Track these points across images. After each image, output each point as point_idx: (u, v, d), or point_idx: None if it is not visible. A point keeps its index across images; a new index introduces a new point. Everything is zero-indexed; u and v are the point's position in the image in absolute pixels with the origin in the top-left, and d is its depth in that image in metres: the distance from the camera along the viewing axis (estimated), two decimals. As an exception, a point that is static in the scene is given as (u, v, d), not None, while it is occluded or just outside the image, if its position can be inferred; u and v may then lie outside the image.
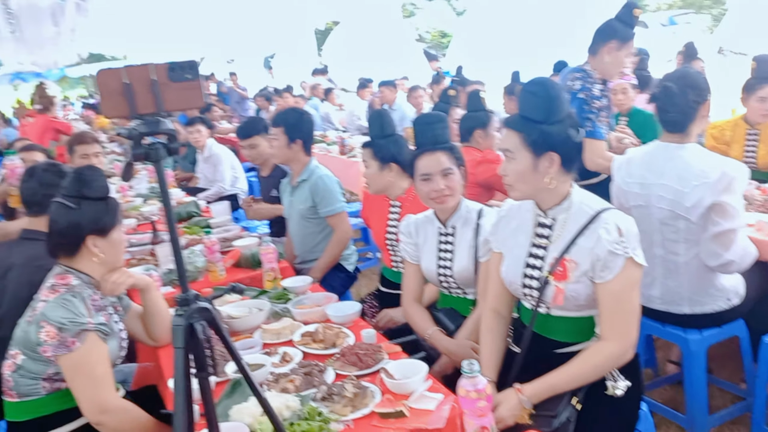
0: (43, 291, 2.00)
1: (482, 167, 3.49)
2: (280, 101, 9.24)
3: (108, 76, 1.26)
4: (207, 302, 1.37)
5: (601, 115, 3.09)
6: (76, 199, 1.99)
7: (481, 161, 3.53)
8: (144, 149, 1.28)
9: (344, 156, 6.45)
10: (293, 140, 3.36)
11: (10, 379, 1.97)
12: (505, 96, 5.54)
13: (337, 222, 3.35)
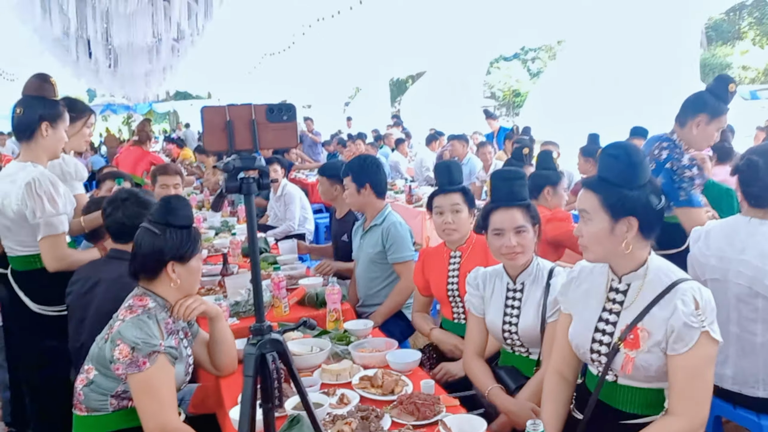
0: (122, 310, 2.10)
1: (551, 225, 3.46)
2: (352, 147, 9.45)
3: (212, 113, 1.35)
4: (279, 335, 1.41)
5: (695, 183, 3.01)
6: (162, 226, 2.10)
7: (551, 219, 3.50)
8: (238, 182, 1.35)
9: (411, 205, 6.51)
10: (362, 186, 3.44)
11: (82, 393, 2.05)
12: (581, 157, 5.51)
13: (404, 270, 3.37)
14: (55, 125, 2.70)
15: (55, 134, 2.71)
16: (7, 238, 2.68)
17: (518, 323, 2.33)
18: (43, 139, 2.69)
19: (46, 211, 2.55)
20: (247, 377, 1.35)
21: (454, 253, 2.90)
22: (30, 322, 2.64)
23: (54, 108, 2.70)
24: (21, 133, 2.70)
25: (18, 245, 2.67)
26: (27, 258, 2.68)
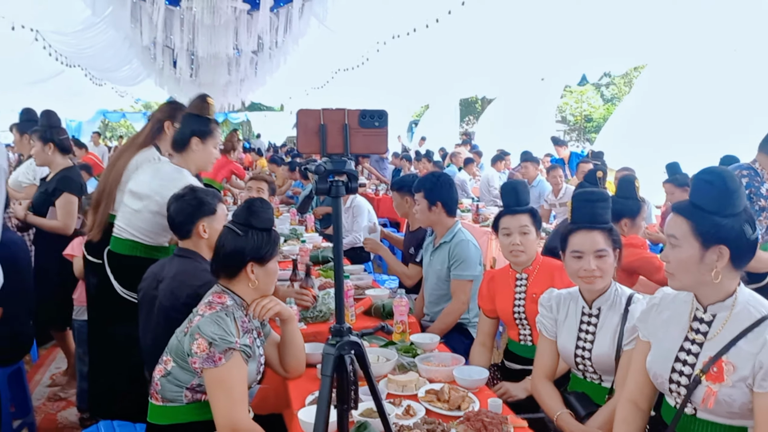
0: (201, 306, 2.16)
1: (626, 251, 3.34)
2: (419, 166, 9.48)
3: (307, 116, 1.39)
4: (357, 337, 1.42)
5: (762, 215, 2.91)
6: (244, 227, 2.17)
7: (626, 245, 3.38)
8: (327, 185, 1.38)
9: (477, 224, 6.47)
10: (433, 203, 3.44)
11: (159, 383, 2.13)
12: (667, 184, 5.33)
13: (458, 289, 3.34)
14: (205, 141, 2.88)
15: (205, 149, 2.90)
16: (125, 220, 2.84)
17: (592, 349, 2.27)
18: (192, 153, 2.89)
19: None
20: (325, 377, 1.37)
21: (520, 275, 2.85)
22: (116, 308, 2.77)
23: (205, 125, 2.89)
24: (176, 145, 2.91)
25: (134, 229, 2.83)
26: (134, 243, 2.83)
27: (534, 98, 11.83)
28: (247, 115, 26.30)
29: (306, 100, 19.40)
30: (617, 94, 26.43)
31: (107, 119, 26.30)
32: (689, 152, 6.25)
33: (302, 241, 4.32)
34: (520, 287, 2.83)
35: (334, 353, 1.37)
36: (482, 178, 9.51)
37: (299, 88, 17.85)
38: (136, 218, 2.85)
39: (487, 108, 15.11)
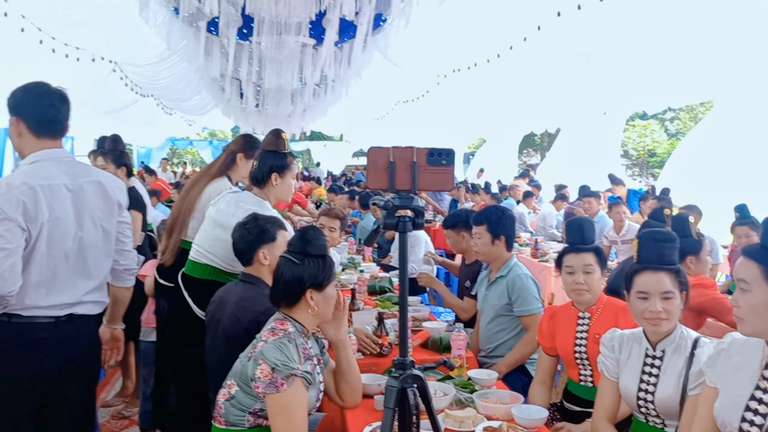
0: (265, 332, 2.23)
1: (696, 291, 3.25)
2: (476, 198, 9.46)
3: (377, 153, 1.44)
4: (420, 371, 1.44)
5: None
6: (300, 256, 2.23)
7: (695, 285, 3.30)
8: (395, 220, 1.43)
9: (536, 259, 6.39)
10: (497, 237, 3.44)
11: (222, 407, 2.19)
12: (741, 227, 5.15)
13: (532, 322, 3.31)
14: (283, 175, 3.01)
15: (284, 183, 3.03)
16: (207, 245, 2.95)
17: (655, 392, 2.21)
18: (273, 188, 3.02)
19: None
20: (387, 409, 1.39)
21: (582, 314, 2.81)
22: (191, 330, 2.87)
23: (283, 160, 3.02)
24: (256, 181, 3.04)
25: (215, 256, 2.93)
26: (212, 269, 2.93)
27: (596, 132, 11.66)
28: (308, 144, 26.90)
29: (365, 131, 19.72)
30: (682, 128, 25.76)
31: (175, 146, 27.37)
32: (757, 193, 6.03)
33: (360, 271, 4.38)
34: (582, 326, 2.78)
35: (397, 386, 1.40)
36: (540, 213, 9.40)
37: (359, 119, 18.17)
38: (218, 246, 2.94)
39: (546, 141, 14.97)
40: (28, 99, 2.31)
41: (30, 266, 2.21)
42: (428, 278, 4.16)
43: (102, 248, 2.41)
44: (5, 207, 2.16)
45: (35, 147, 2.31)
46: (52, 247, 2.25)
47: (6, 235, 2.15)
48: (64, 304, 2.29)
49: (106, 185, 2.42)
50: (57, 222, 2.25)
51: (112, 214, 2.44)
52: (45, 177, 2.25)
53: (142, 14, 6.19)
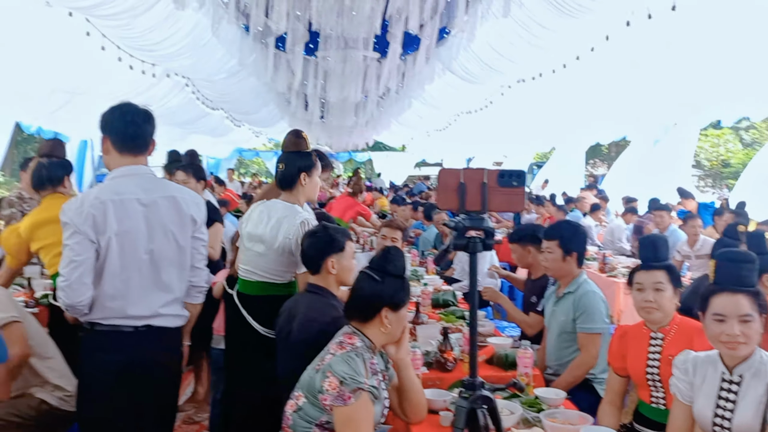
0: (332, 345, 2.27)
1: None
2: (541, 210, 9.31)
3: (447, 174, 1.46)
4: (490, 392, 1.44)
5: None
6: (381, 273, 2.26)
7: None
8: (465, 241, 1.44)
9: (604, 274, 6.23)
10: (568, 253, 3.37)
11: (290, 418, 2.24)
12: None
13: (588, 342, 3.23)
14: (311, 174, 3.07)
15: (311, 182, 3.09)
16: (252, 263, 3.03)
17: (732, 419, 2.12)
18: (302, 188, 3.08)
19: None
20: (457, 429, 1.40)
21: (654, 334, 2.72)
22: (253, 343, 2.95)
23: (308, 160, 3.08)
24: (285, 184, 3.09)
25: (263, 271, 3.01)
26: (264, 284, 3.01)
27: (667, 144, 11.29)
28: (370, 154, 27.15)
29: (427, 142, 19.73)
30: (758, 138, 24.61)
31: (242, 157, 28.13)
32: None
33: (424, 284, 4.39)
34: (654, 347, 2.70)
35: (467, 406, 1.40)
36: (608, 227, 9.16)
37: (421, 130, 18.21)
38: (262, 260, 3.01)
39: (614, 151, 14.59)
40: (113, 117, 2.44)
41: (103, 278, 2.33)
42: (493, 293, 4.12)
43: (176, 262, 2.48)
44: (76, 221, 2.29)
45: (118, 163, 2.44)
46: (124, 259, 2.35)
47: (75, 247, 2.28)
48: (140, 315, 2.39)
49: (180, 200, 2.49)
50: (126, 235, 2.35)
51: (186, 229, 2.50)
52: (117, 192, 2.37)
53: (215, 32, 6.42)
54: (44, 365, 2.85)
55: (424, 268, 5.86)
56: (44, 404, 2.78)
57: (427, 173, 24.56)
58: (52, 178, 3.34)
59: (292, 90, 10.36)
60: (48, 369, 2.85)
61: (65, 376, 2.89)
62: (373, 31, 6.26)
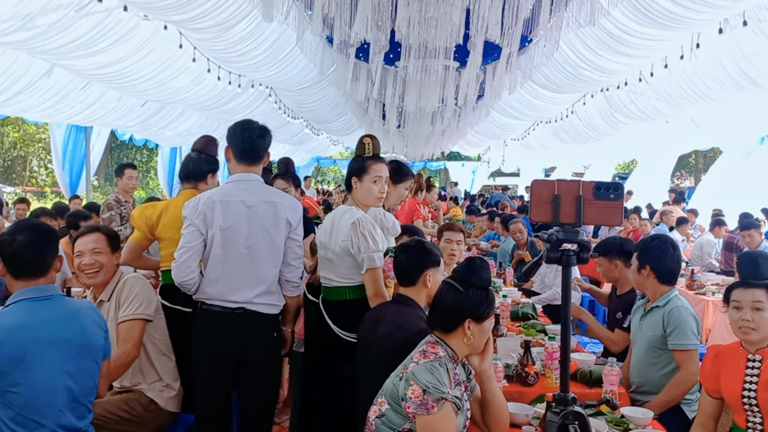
0: (416, 353, 2.27)
1: None
2: (625, 223, 9.01)
3: (541, 186, 1.45)
4: (581, 408, 1.42)
5: None
6: (465, 284, 2.25)
7: None
8: (558, 254, 1.42)
9: (692, 291, 5.96)
10: (642, 266, 3.27)
11: (373, 423, 2.26)
12: None
13: (685, 359, 3.10)
14: (361, 179, 3.11)
15: (362, 186, 3.11)
16: (327, 269, 3.10)
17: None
18: (355, 191, 3.13)
19: (368, 247, 2.91)
20: (547, 444, 1.38)
21: (752, 356, 2.58)
22: (335, 348, 3.00)
23: (361, 164, 3.12)
24: (346, 186, 3.22)
25: (337, 276, 3.06)
26: (340, 289, 3.06)
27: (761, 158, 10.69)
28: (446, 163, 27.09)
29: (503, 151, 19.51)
30: None
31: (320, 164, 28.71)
32: None
33: (503, 296, 4.33)
34: (752, 369, 2.56)
35: (558, 422, 1.38)
36: (696, 242, 8.75)
37: (498, 139, 18.04)
38: (332, 265, 3.06)
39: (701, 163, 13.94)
40: (235, 132, 2.88)
41: (209, 265, 2.79)
42: (575, 308, 4.01)
43: (270, 258, 2.84)
44: (191, 215, 2.78)
45: (236, 170, 2.89)
46: (226, 251, 2.78)
47: (188, 236, 2.78)
48: (237, 300, 2.79)
49: (279, 205, 2.85)
50: (228, 230, 2.77)
51: (281, 230, 2.85)
52: (227, 194, 2.81)
53: (299, 43, 6.60)
54: (162, 364, 2.96)
55: (501, 279, 5.79)
56: (153, 404, 2.90)
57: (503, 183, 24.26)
58: (197, 173, 3.46)
59: (370, 99, 10.48)
60: (164, 369, 2.96)
61: (177, 379, 3.02)
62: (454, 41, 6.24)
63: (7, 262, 2.27)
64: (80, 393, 2.31)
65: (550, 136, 14.20)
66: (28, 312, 2.22)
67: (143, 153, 25.01)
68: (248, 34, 7.13)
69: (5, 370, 2.14)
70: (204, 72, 8.05)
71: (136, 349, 2.83)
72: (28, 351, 2.17)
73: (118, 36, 6.41)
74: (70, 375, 2.26)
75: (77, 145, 11.02)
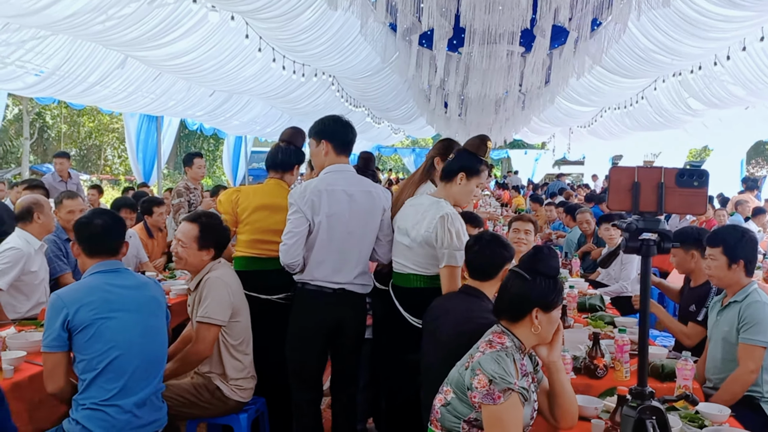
0: (482, 343, 2.25)
1: None
2: (698, 212, 8.64)
3: (620, 173, 1.40)
4: (660, 404, 1.37)
5: None
6: (532, 272, 2.21)
7: None
8: (638, 243, 1.37)
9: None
10: (734, 261, 3.10)
11: (438, 412, 2.25)
12: None
13: (747, 355, 2.95)
14: (470, 178, 3.04)
15: (466, 186, 3.05)
16: (403, 256, 3.10)
17: None
18: (456, 186, 3.05)
19: (452, 244, 2.89)
20: (622, 439, 1.34)
21: None
22: (402, 334, 3.01)
23: (475, 165, 3.04)
24: (444, 175, 3.10)
25: (412, 264, 3.06)
26: (413, 276, 3.06)
27: None
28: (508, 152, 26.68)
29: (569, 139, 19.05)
30: None
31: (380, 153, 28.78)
32: None
33: (570, 287, 4.23)
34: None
35: (635, 416, 1.34)
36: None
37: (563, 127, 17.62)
38: (410, 253, 3.05)
39: None
40: (335, 127, 3.12)
41: (314, 248, 3.02)
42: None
43: (367, 241, 3.12)
44: (299, 203, 3.00)
45: (334, 161, 3.09)
46: (331, 235, 3.01)
47: (295, 222, 3.00)
48: (339, 281, 3.04)
49: (374, 194, 3.13)
50: (332, 217, 3.00)
51: (376, 216, 3.12)
52: (330, 184, 3.03)
53: (362, 31, 6.60)
54: (232, 365, 3.01)
55: (567, 270, 5.66)
56: (219, 391, 2.99)
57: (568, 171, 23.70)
58: (284, 163, 3.53)
59: (432, 87, 10.41)
60: (233, 368, 3.01)
61: (249, 374, 3.08)
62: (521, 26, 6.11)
63: (84, 242, 2.61)
64: (152, 353, 2.57)
65: (619, 122, 13.76)
66: (103, 278, 2.56)
67: (210, 142, 25.68)
68: (313, 23, 7.19)
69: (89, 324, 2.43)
70: (269, 62, 8.18)
71: (208, 351, 2.93)
72: (104, 310, 2.46)
73: (187, 27, 6.59)
74: (142, 335, 2.54)
75: (149, 134, 11.43)
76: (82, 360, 2.44)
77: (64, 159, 7.77)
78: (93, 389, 2.43)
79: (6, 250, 3.57)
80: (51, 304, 2.47)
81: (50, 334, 2.43)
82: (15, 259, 3.56)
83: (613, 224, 5.42)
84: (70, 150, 25.80)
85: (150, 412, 2.55)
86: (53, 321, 2.43)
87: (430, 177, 3.41)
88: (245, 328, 3.08)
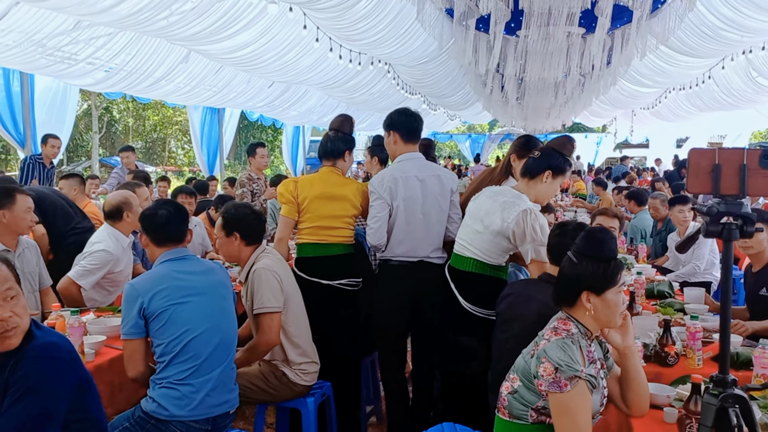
0: (547, 330, 2.23)
1: None
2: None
3: (699, 155, 1.35)
4: (743, 392, 1.33)
5: None
6: (581, 256, 2.17)
7: None
8: (719, 227, 1.33)
9: None
10: None
11: (506, 399, 2.24)
12: None
13: None
14: (555, 177, 3.03)
15: (551, 185, 3.03)
16: (469, 238, 3.10)
17: None
18: (540, 184, 3.03)
19: (536, 239, 2.87)
20: (704, 427, 1.31)
21: None
22: (458, 319, 3.04)
23: (563, 164, 3.03)
24: (529, 172, 3.06)
25: (477, 249, 3.05)
26: (473, 261, 3.06)
27: None
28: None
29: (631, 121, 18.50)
30: None
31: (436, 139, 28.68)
32: None
33: (638, 273, 4.13)
34: None
35: (716, 404, 1.30)
36: None
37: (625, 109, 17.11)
38: (479, 239, 3.04)
39: None
40: (401, 119, 3.42)
41: (394, 229, 3.34)
42: None
43: (440, 220, 3.38)
44: (379, 189, 3.33)
45: (403, 150, 3.40)
46: (408, 217, 3.32)
47: (378, 207, 3.34)
48: (417, 255, 3.35)
49: (443, 177, 3.41)
50: (408, 201, 3.31)
51: (446, 198, 3.39)
52: (404, 171, 3.34)
53: (419, 17, 6.58)
54: (291, 351, 3.07)
55: (633, 255, 5.52)
56: (285, 377, 3.07)
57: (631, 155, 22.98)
58: (335, 151, 3.57)
59: (489, 71, 10.28)
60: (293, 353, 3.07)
61: (310, 359, 3.14)
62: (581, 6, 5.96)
63: (151, 232, 2.74)
64: (223, 334, 2.67)
65: (685, 103, 13.27)
66: (172, 266, 2.68)
67: (268, 133, 26.11)
68: (369, 12, 7.20)
69: (162, 311, 2.54)
70: (326, 51, 8.24)
71: (276, 339, 3.00)
72: (177, 296, 2.57)
73: (247, 20, 6.70)
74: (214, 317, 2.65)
75: (212, 126, 11.72)
76: (159, 344, 2.56)
77: (130, 153, 8.05)
78: (169, 369, 2.55)
79: (97, 251, 3.67)
80: (126, 294, 2.59)
81: (128, 322, 2.56)
82: (103, 263, 3.66)
83: (692, 208, 5.22)
84: (136, 143, 26.76)
85: (222, 393, 2.64)
86: (130, 310, 2.55)
87: (510, 174, 3.45)
88: (301, 313, 3.15)
